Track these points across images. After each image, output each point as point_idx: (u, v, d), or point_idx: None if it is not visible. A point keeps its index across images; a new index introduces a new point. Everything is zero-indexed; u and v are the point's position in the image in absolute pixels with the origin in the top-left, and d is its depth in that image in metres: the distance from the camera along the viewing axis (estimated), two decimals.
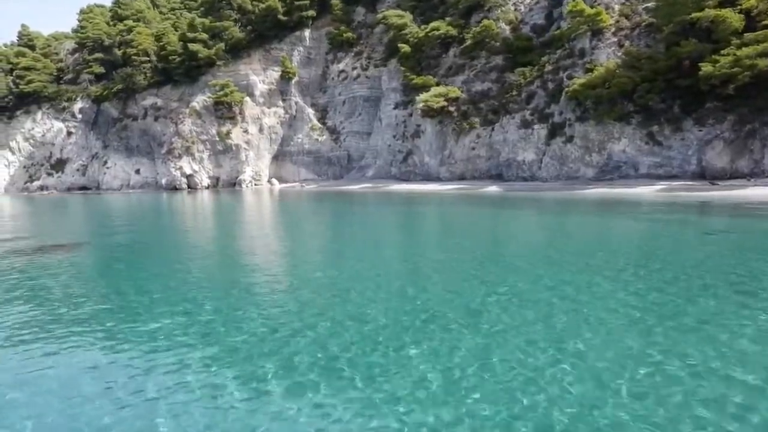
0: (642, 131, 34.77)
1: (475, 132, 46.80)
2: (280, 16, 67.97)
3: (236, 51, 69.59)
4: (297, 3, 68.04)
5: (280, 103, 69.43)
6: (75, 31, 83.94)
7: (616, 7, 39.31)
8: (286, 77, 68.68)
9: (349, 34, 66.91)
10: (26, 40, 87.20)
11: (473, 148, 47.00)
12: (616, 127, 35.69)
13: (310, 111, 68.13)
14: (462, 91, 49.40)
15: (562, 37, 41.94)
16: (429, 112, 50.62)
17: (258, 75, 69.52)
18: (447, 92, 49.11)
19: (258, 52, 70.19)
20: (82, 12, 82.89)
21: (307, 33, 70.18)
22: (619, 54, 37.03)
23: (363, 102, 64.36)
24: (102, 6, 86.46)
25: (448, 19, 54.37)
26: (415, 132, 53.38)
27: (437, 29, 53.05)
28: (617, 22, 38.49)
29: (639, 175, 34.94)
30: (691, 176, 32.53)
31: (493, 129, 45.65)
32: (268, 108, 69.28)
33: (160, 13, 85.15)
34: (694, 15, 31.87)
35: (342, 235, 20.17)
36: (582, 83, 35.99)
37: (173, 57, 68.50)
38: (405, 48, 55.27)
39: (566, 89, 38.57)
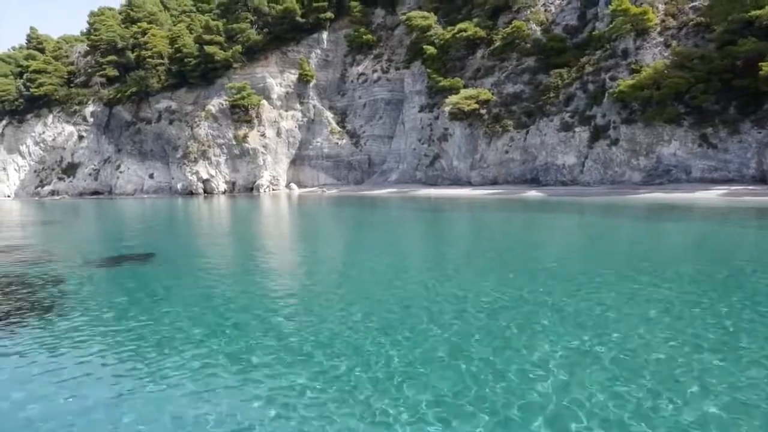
0: (694, 133, 33.47)
1: (508, 135, 45.48)
2: (298, 18, 66.71)
3: (252, 53, 68.33)
4: (315, 5, 66.84)
5: (298, 106, 68.09)
6: (86, 33, 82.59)
7: (661, 7, 38.09)
8: (303, 80, 67.38)
9: (369, 36, 65.72)
10: (35, 43, 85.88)
11: (506, 152, 45.67)
12: (665, 130, 34.39)
13: (329, 114, 66.79)
14: (493, 94, 48.13)
15: (601, 37, 40.70)
16: (458, 115, 49.30)
17: (275, 78, 68.21)
18: (478, 94, 47.84)
19: (275, 54, 68.90)
20: (93, 14, 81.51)
21: (324, 35, 68.94)
22: (666, 54, 35.77)
23: (384, 105, 63.09)
24: (112, 9, 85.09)
25: (475, 20, 53.12)
26: (442, 135, 52.03)
27: (465, 30, 51.81)
28: (663, 21, 37.26)
29: (691, 179, 33.61)
30: (750, 180, 31.21)
31: (527, 132, 44.34)
32: (286, 111, 67.95)
33: (171, 15, 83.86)
34: (753, 13, 30.65)
35: (410, 251, 18.71)
36: (630, 84, 34.69)
37: (189, 59, 67.16)
38: (430, 50, 54.04)
39: (610, 90, 37.28)
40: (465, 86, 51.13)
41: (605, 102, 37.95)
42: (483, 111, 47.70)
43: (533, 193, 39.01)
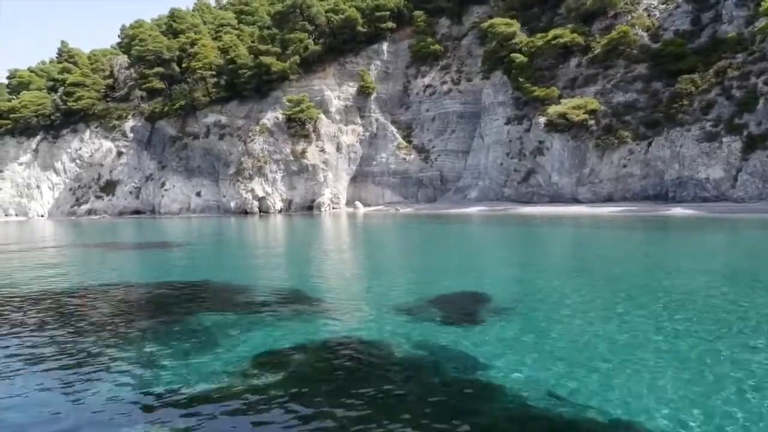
0: None
1: (626, 147, 41.37)
2: (360, 28, 63.20)
3: (308, 65, 64.47)
4: (376, 14, 63.46)
5: (358, 120, 64.00)
6: (124, 46, 78.69)
7: None
8: (364, 92, 63.46)
9: (437, 47, 62.10)
10: (67, 57, 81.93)
11: (624, 166, 41.48)
12: None
13: (393, 128, 62.67)
14: (600, 103, 44.21)
15: (741, 39, 37.02)
16: (557, 127, 45.33)
17: (333, 90, 64.28)
18: (585, 104, 43.91)
19: (332, 66, 65.11)
20: (130, 27, 77.91)
21: (384, 46, 65.39)
22: None
23: (456, 118, 59.05)
24: (145, 21, 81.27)
25: (570, 26, 49.58)
26: (536, 149, 47.79)
27: (560, 36, 48.21)
28: None
29: None
30: None
31: (650, 143, 40.26)
32: (345, 125, 63.82)
33: (209, 30, 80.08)
34: None
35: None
36: None
37: (243, 71, 63.12)
38: (519, 58, 50.28)
39: (766, 96, 33.33)
40: (560, 96, 47.35)
41: (760, 108, 33.96)
42: (591, 122, 43.67)
43: (679, 211, 34.52)
